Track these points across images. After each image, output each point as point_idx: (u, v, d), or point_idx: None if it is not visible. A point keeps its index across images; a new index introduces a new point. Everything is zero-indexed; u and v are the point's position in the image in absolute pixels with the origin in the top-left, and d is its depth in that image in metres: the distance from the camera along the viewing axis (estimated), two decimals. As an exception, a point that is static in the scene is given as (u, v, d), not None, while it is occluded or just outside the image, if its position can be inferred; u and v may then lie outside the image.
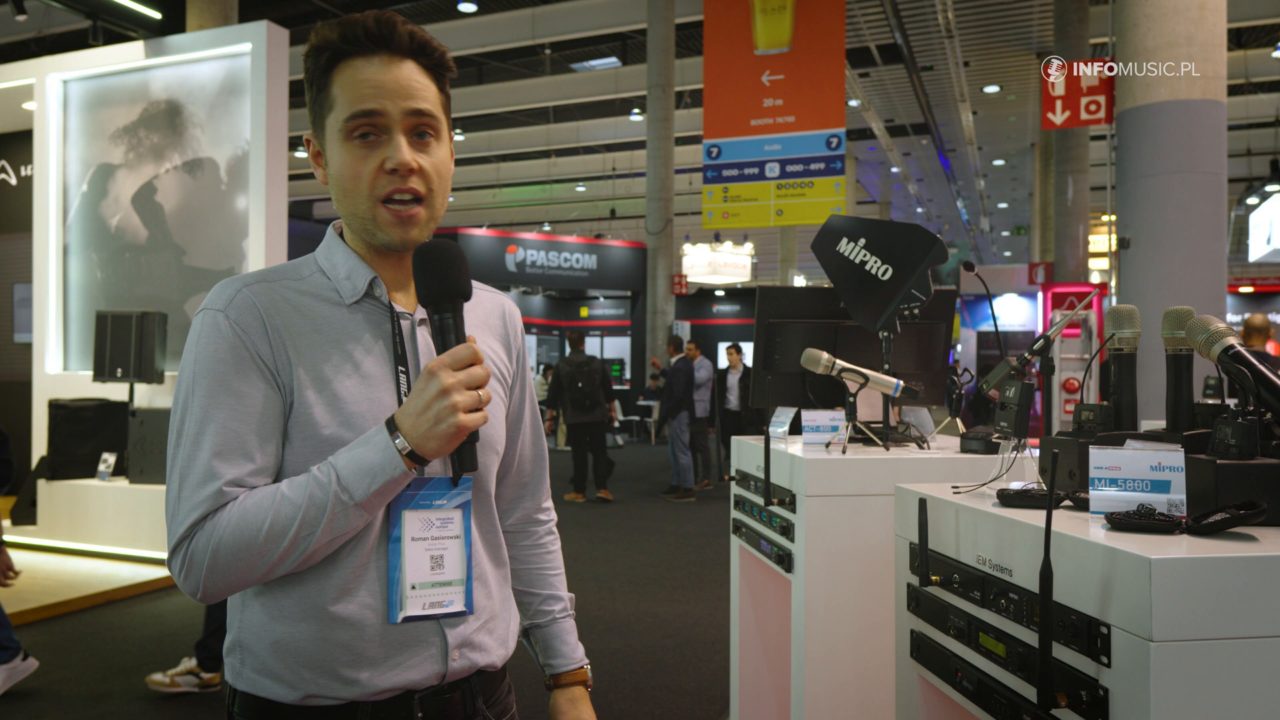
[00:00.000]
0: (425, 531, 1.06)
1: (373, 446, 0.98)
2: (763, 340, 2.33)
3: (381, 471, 0.97)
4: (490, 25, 17.99)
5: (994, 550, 1.25)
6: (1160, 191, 5.37)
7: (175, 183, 7.17)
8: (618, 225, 26.92)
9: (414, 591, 1.04)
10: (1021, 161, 28.38)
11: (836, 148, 11.52)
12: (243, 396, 1.01)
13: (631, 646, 4.63)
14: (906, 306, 2.12)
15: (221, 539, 0.97)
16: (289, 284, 1.07)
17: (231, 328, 1.02)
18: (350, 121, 1.03)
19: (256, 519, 0.96)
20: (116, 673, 4.23)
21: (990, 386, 1.64)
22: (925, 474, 1.94)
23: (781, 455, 2.06)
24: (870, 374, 2.05)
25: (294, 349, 1.03)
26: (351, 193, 1.05)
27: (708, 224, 12.34)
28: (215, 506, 0.98)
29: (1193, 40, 5.31)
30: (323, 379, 1.03)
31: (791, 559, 2.00)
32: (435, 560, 1.06)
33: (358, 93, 1.03)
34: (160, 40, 7.23)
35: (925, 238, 2.13)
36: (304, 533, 0.97)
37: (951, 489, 1.43)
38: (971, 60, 20.28)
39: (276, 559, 0.97)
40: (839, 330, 2.31)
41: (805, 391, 2.35)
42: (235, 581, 0.99)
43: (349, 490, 0.97)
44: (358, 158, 1.04)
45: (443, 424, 0.96)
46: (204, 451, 0.99)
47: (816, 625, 1.94)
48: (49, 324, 7.53)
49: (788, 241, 25.42)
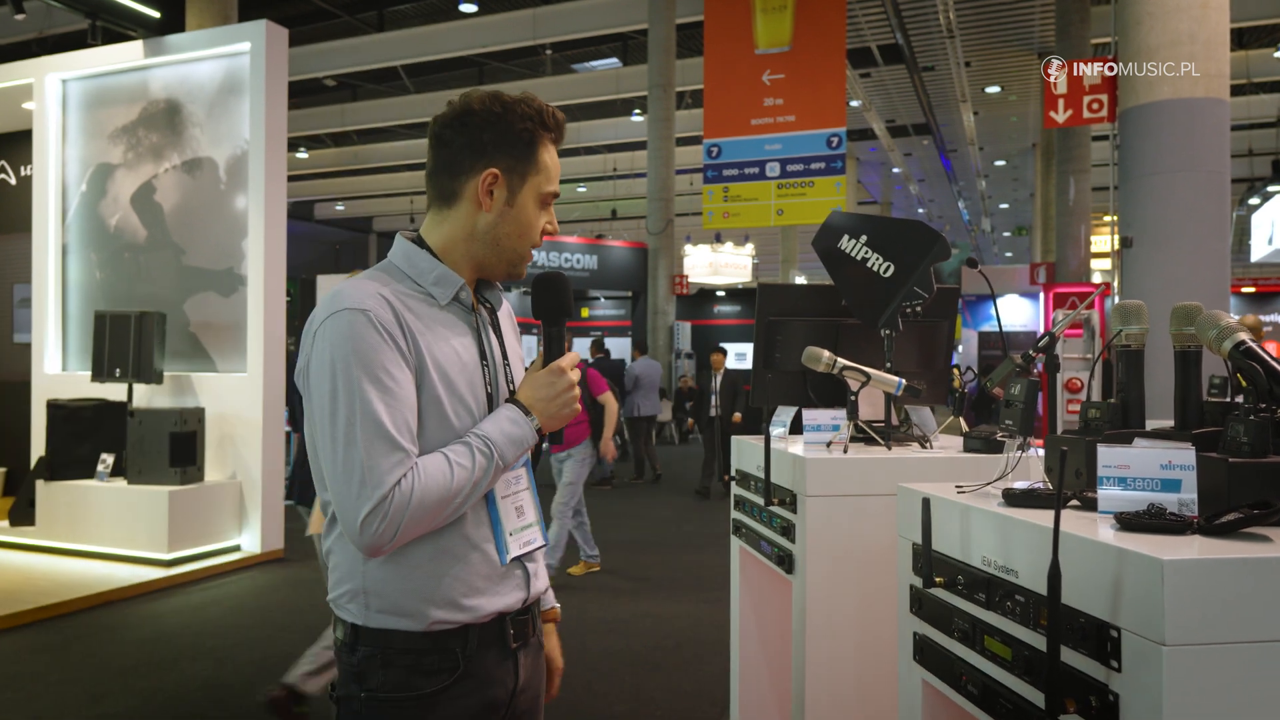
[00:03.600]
0: (507, 489, 1.34)
1: (517, 424, 1.28)
2: (763, 338, 2.30)
3: (524, 442, 1.29)
4: (491, 26, 17.97)
5: (999, 551, 1.22)
6: (1163, 190, 5.34)
7: (174, 182, 7.15)
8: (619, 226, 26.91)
9: (512, 537, 1.33)
10: (1023, 162, 28.34)
11: (837, 147, 11.49)
12: (399, 382, 1.23)
13: (631, 647, 4.60)
14: (909, 304, 2.09)
15: (415, 497, 1.20)
16: (398, 288, 1.31)
17: (377, 323, 1.23)
18: (547, 194, 1.36)
19: (443, 481, 1.22)
20: (114, 674, 4.20)
21: (995, 384, 1.61)
22: (928, 474, 1.91)
23: (782, 455, 2.02)
24: (872, 372, 2.01)
25: (419, 341, 1.27)
26: (523, 238, 1.35)
27: (708, 224, 12.30)
28: (405, 471, 1.21)
29: (1196, 38, 5.27)
30: (440, 366, 1.28)
31: (792, 560, 1.96)
32: (519, 510, 1.35)
33: (554, 174, 1.36)
34: (159, 39, 7.20)
35: (927, 234, 2.10)
36: (474, 490, 1.25)
37: (955, 488, 1.40)
38: (973, 60, 20.24)
39: (451, 511, 1.24)
40: (840, 328, 2.28)
41: (806, 390, 2.32)
42: (420, 528, 1.22)
43: (504, 458, 1.27)
44: (538, 217, 1.36)
45: (567, 409, 1.32)
46: (385, 428, 1.20)
47: (818, 627, 1.91)
48: (48, 324, 7.50)
49: (789, 242, 25.38)
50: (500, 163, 1.33)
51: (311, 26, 18.10)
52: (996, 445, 1.87)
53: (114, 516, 6.38)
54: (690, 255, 19.79)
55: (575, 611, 5.19)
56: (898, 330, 2.13)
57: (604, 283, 17.77)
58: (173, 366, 6.92)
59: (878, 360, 2.21)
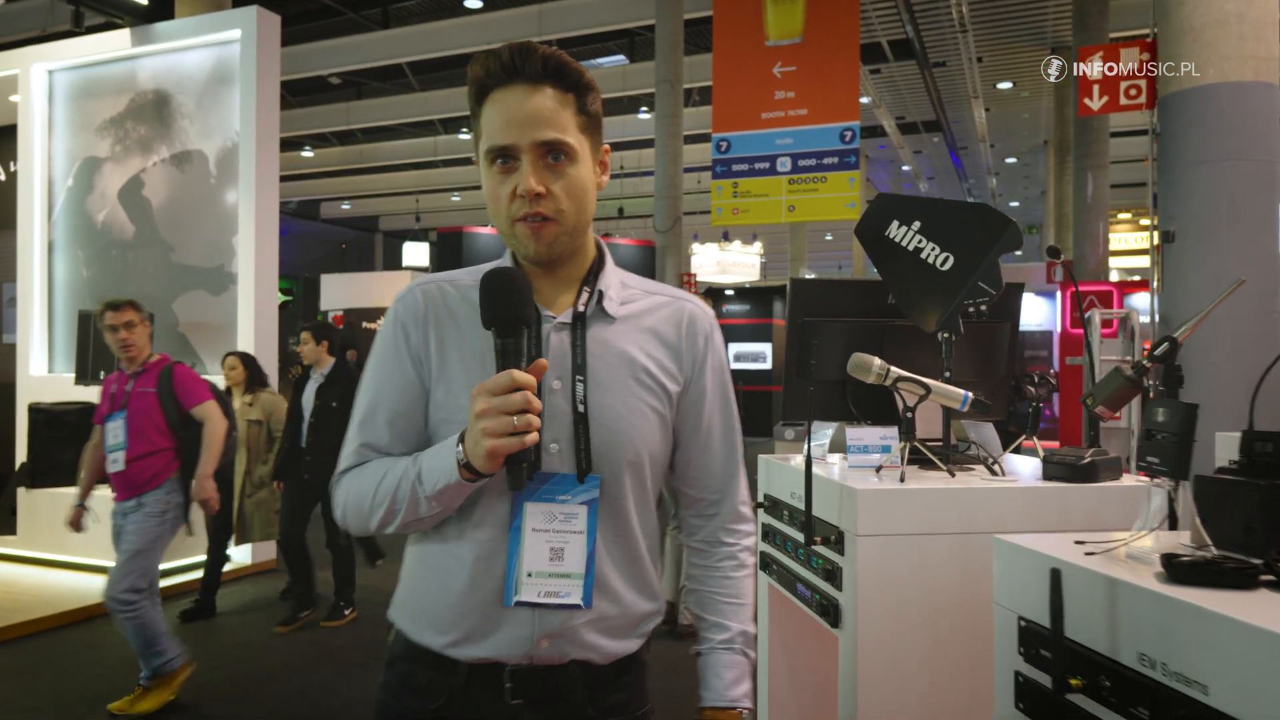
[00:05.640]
0: (547, 524, 1.14)
1: (446, 451, 1.10)
2: (796, 342, 1.98)
3: (444, 476, 1.09)
4: (496, 22, 17.72)
5: (1169, 650, 0.88)
6: (1208, 181, 5.00)
7: (163, 176, 6.86)
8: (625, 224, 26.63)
9: (529, 579, 1.12)
10: (1034, 159, 27.97)
11: (850, 141, 11.15)
12: (389, 377, 1.19)
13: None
14: (972, 303, 1.77)
15: (349, 492, 1.18)
16: (453, 285, 1.22)
17: (395, 318, 1.21)
18: (490, 153, 1.14)
19: (367, 486, 1.15)
20: (90, 698, 3.91)
21: (1099, 401, 1.29)
22: (1006, 509, 1.58)
23: (826, 483, 1.69)
24: (933, 384, 1.69)
25: (439, 342, 1.18)
26: (494, 213, 1.17)
27: (716, 220, 11.97)
28: (357, 462, 1.20)
29: (1244, 18, 4.93)
30: (453, 371, 1.17)
31: (838, 611, 1.63)
32: (555, 552, 1.13)
33: (495, 126, 1.13)
34: (147, 28, 6.91)
35: (994, 219, 1.78)
36: (394, 508, 1.12)
37: (1076, 544, 1.07)
38: (985, 56, 19.91)
39: (378, 522, 1.14)
40: (886, 330, 1.96)
41: (846, 402, 2.00)
42: (358, 527, 1.18)
43: (424, 484, 1.10)
44: (497, 183, 1.15)
45: (478, 446, 1.04)
46: (357, 416, 1.21)
47: (873, 696, 1.57)
48: (33, 324, 7.23)
49: (798, 239, 25.04)
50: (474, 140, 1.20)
51: (316, 24, 17.86)
52: (1086, 472, 1.55)
53: (99, 526, 6.06)
54: (698, 254, 19.47)
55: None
56: (958, 333, 1.81)
57: (610, 282, 17.43)
58: (160, 369, 6.63)
59: (931, 368, 1.89)
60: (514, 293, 1.09)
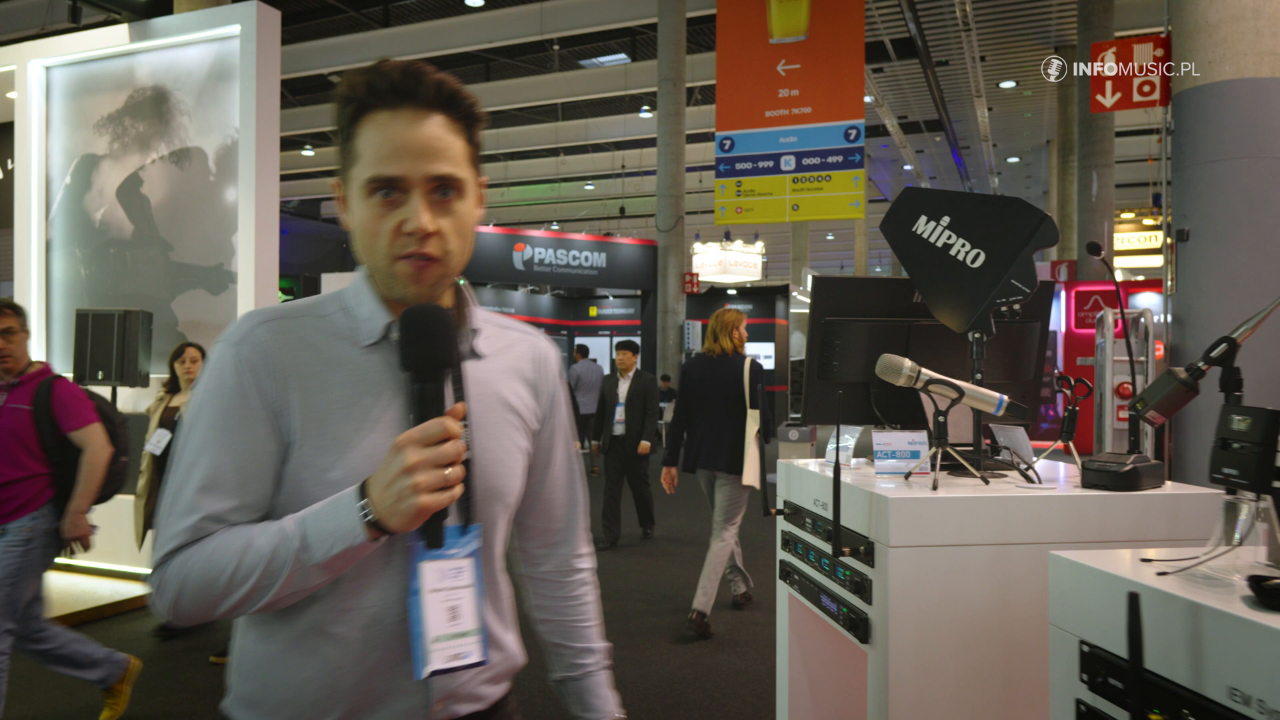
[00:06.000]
0: (441, 582, 1.04)
1: (341, 510, 0.97)
2: (818, 342, 1.89)
3: (343, 538, 0.96)
4: (497, 21, 17.66)
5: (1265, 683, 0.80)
6: (1224, 178, 4.91)
7: (162, 174, 6.78)
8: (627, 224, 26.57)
9: (437, 644, 1.02)
10: (1036, 159, 27.90)
11: (855, 140, 11.07)
12: (237, 434, 1.02)
13: (649, 676, 4.20)
14: (1004, 301, 1.69)
15: (189, 573, 0.99)
16: (309, 321, 1.07)
17: (239, 364, 1.03)
18: (371, 183, 1.02)
19: (222, 561, 0.98)
20: (81, 709, 3.82)
21: (1150, 406, 1.21)
22: (1047, 519, 1.50)
23: (854, 491, 1.61)
24: (967, 387, 1.61)
25: (300, 389, 1.03)
26: (370, 248, 1.04)
27: (720, 219, 11.88)
28: (193, 538, 1.00)
29: (1260, 13, 4.85)
30: (329, 422, 1.03)
31: (868, 626, 1.55)
32: (452, 611, 1.04)
33: (380, 153, 1.01)
34: (145, 23, 6.83)
35: (1027, 214, 1.70)
36: (264, 583, 0.97)
37: (1143, 562, 0.99)
38: (988, 55, 19.85)
39: (236, 603, 0.98)
40: (912, 330, 1.88)
41: (869, 405, 1.92)
42: (200, 614, 1.00)
43: (310, 550, 0.96)
44: (377, 215, 1.03)
45: (403, 503, 0.94)
46: (191, 483, 1.01)
47: (906, 717, 1.49)
48: (31, 323, 7.17)
49: (799, 239, 24.98)
50: (339, 163, 1.08)
51: (316, 22, 17.81)
52: (1128, 479, 1.47)
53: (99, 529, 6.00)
54: (699, 254, 19.41)
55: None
56: (990, 333, 1.72)
57: (613, 281, 17.36)
58: (159, 369, 6.55)
59: (958, 369, 1.81)
60: (440, 334, 1.00)
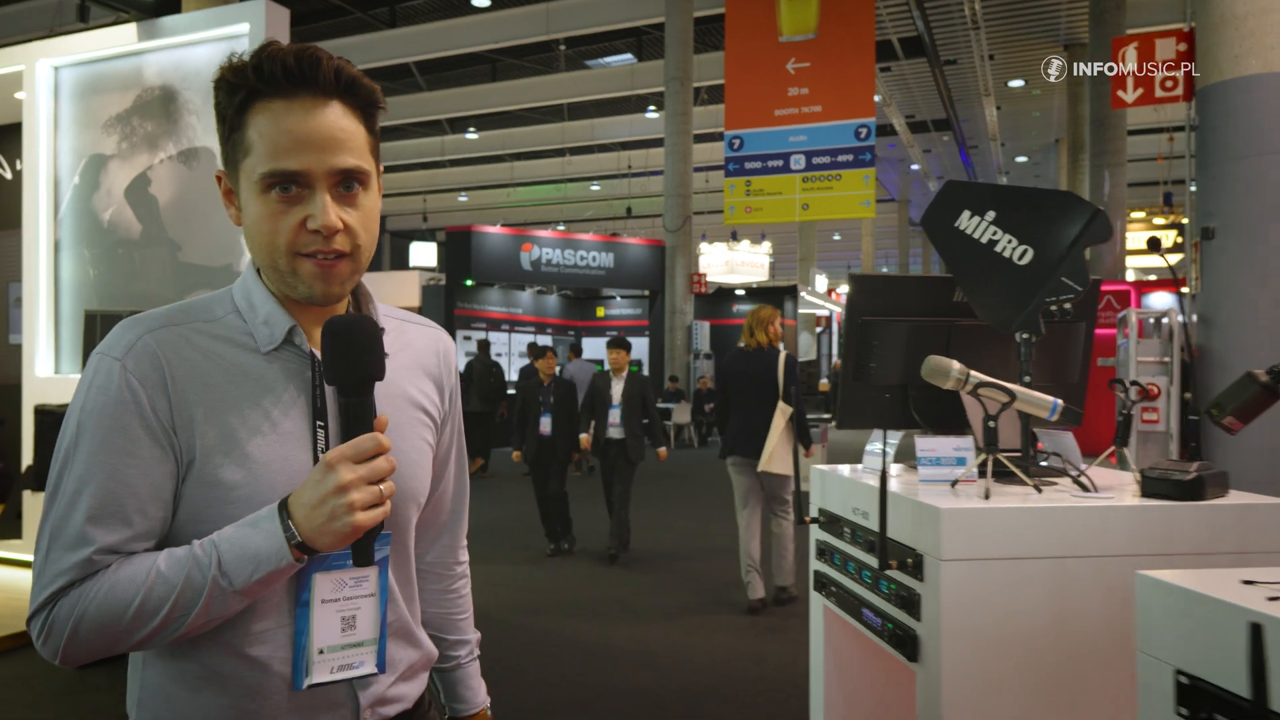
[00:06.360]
0: (337, 592, 1.00)
1: (261, 532, 0.91)
2: (855, 343, 1.82)
3: (267, 561, 0.90)
4: (504, 21, 17.61)
5: None
6: (1251, 175, 4.82)
7: (170, 174, 6.74)
8: (633, 225, 26.50)
9: (322, 656, 0.99)
10: (1045, 158, 27.76)
11: (866, 138, 10.98)
12: (128, 456, 0.93)
13: (663, 684, 4.12)
14: (1054, 300, 1.61)
15: (85, 611, 0.91)
16: (199, 326, 0.99)
17: (125, 379, 0.94)
18: (269, 177, 0.95)
19: (126, 595, 0.90)
20: (87, 711, 3.76)
21: (1227, 411, 1.13)
22: (1105, 531, 1.42)
23: (899, 501, 1.53)
24: (1020, 390, 1.53)
25: (199, 403, 0.96)
26: (268, 246, 0.98)
27: (729, 219, 11.81)
28: (84, 574, 0.92)
29: (1288, 6, 4.76)
30: (233, 436, 0.96)
31: (916, 644, 1.47)
32: (347, 621, 1.01)
33: (277, 145, 0.94)
34: (154, 22, 6.80)
35: (1077, 208, 1.62)
36: (176, 614, 0.91)
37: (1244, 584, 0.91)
38: (996, 53, 19.75)
39: (144, 637, 0.91)
40: (953, 330, 1.80)
41: (907, 409, 1.84)
42: (98, 653, 0.93)
43: (229, 576, 0.90)
44: (275, 212, 0.96)
45: (337, 522, 0.89)
46: (78, 513, 0.92)
47: (962, 740, 1.40)
48: (39, 324, 7.14)
49: (807, 239, 24.89)
50: (223, 157, 1.02)
51: (323, 23, 17.78)
52: (1192, 488, 1.39)
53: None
54: (706, 254, 19.33)
55: (598, 631, 4.72)
56: (1039, 334, 1.65)
57: (620, 281, 17.28)
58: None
59: (1001, 372, 1.73)
60: (369, 347, 0.95)
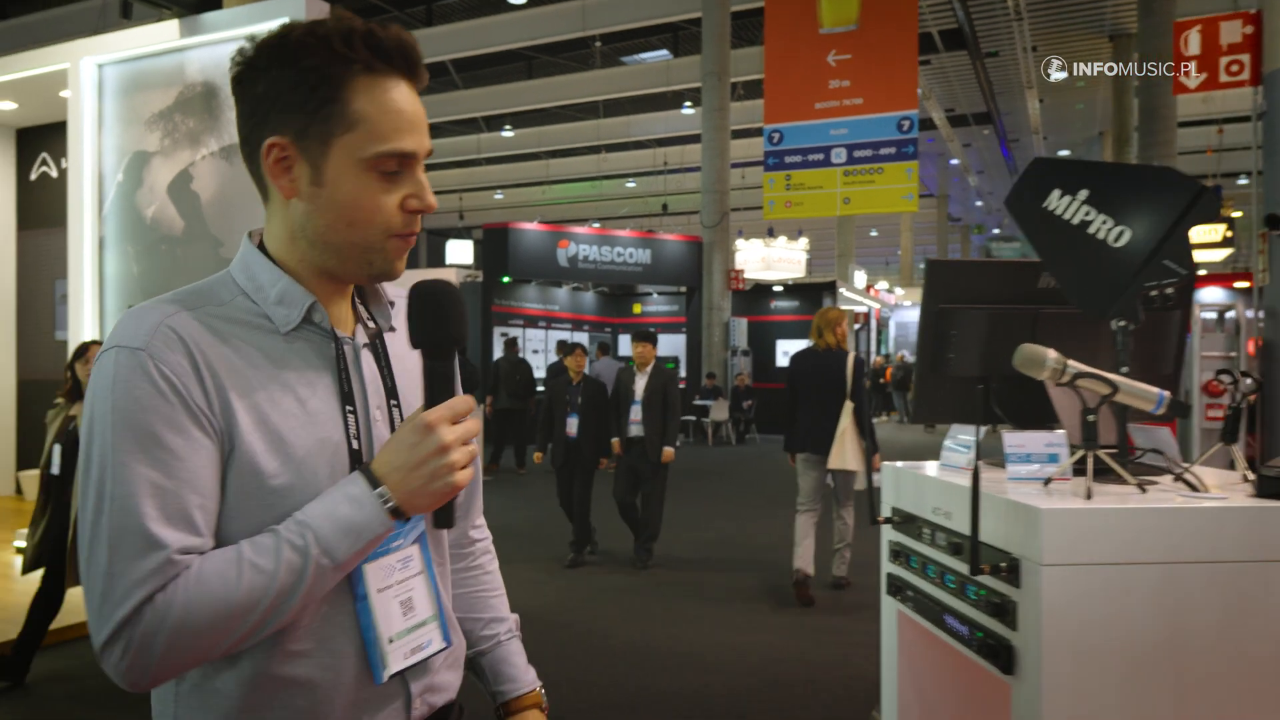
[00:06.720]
0: (389, 579, 0.99)
1: (354, 503, 0.89)
2: (931, 332, 1.71)
3: (366, 530, 0.89)
4: (539, 18, 17.61)
5: None
6: (1323, 162, 4.61)
7: (212, 170, 6.77)
8: (669, 221, 26.41)
9: (393, 644, 0.97)
10: (1089, 151, 27.21)
11: (908, 131, 10.79)
12: (178, 450, 0.88)
13: (712, 686, 4.03)
14: (1155, 285, 1.49)
15: (181, 618, 0.84)
16: (212, 310, 0.95)
17: (157, 369, 0.88)
18: (384, 158, 0.93)
19: (222, 592, 0.85)
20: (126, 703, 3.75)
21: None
22: (1219, 534, 1.30)
23: (991, 501, 1.42)
24: (1123, 382, 1.42)
25: (231, 388, 0.91)
26: (364, 224, 0.95)
27: (769, 214, 11.66)
28: (165, 580, 0.85)
29: (1364, -16, 4.54)
30: (266, 421, 0.92)
31: (1012, 654, 1.36)
32: (405, 605, 1.00)
33: (393, 125, 0.93)
34: (195, 18, 6.84)
35: (1183, 184, 1.50)
36: (279, 602, 0.87)
37: None
38: (1040, 45, 19.35)
39: (245, 633, 0.87)
40: (1038, 318, 1.69)
41: (988, 401, 1.73)
42: (190, 664, 0.88)
43: (331, 553, 0.88)
44: (379, 190, 0.94)
45: (438, 482, 0.90)
46: (141, 517, 0.86)
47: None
48: (84, 320, 7.22)
49: (845, 235, 24.61)
50: (287, 125, 0.93)
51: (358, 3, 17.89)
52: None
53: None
54: (742, 250, 19.16)
55: (638, 633, 4.63)
56: (1137, 321, 1.53)
57: (657, 278, 17.18)
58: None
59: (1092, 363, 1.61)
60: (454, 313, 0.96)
